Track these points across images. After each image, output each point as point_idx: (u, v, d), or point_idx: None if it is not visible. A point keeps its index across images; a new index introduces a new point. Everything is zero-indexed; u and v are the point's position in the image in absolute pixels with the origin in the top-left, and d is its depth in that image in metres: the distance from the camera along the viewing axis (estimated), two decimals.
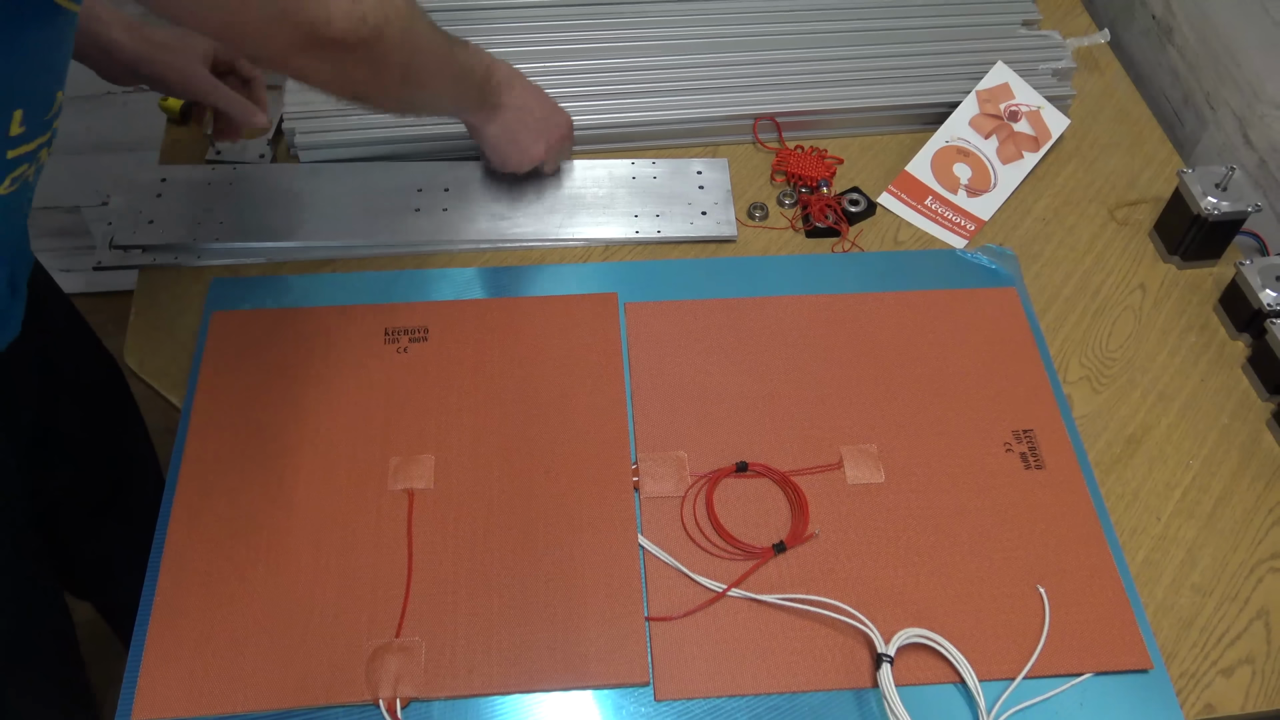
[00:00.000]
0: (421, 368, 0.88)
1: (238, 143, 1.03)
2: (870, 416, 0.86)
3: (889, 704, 0.70)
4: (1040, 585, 0.77)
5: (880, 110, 1.09)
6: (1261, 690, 0.75)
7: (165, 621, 0.74)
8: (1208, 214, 0.94)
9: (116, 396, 1.08)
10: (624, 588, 0.76)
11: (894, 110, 1.09)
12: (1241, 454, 0.87)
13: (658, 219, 1.00)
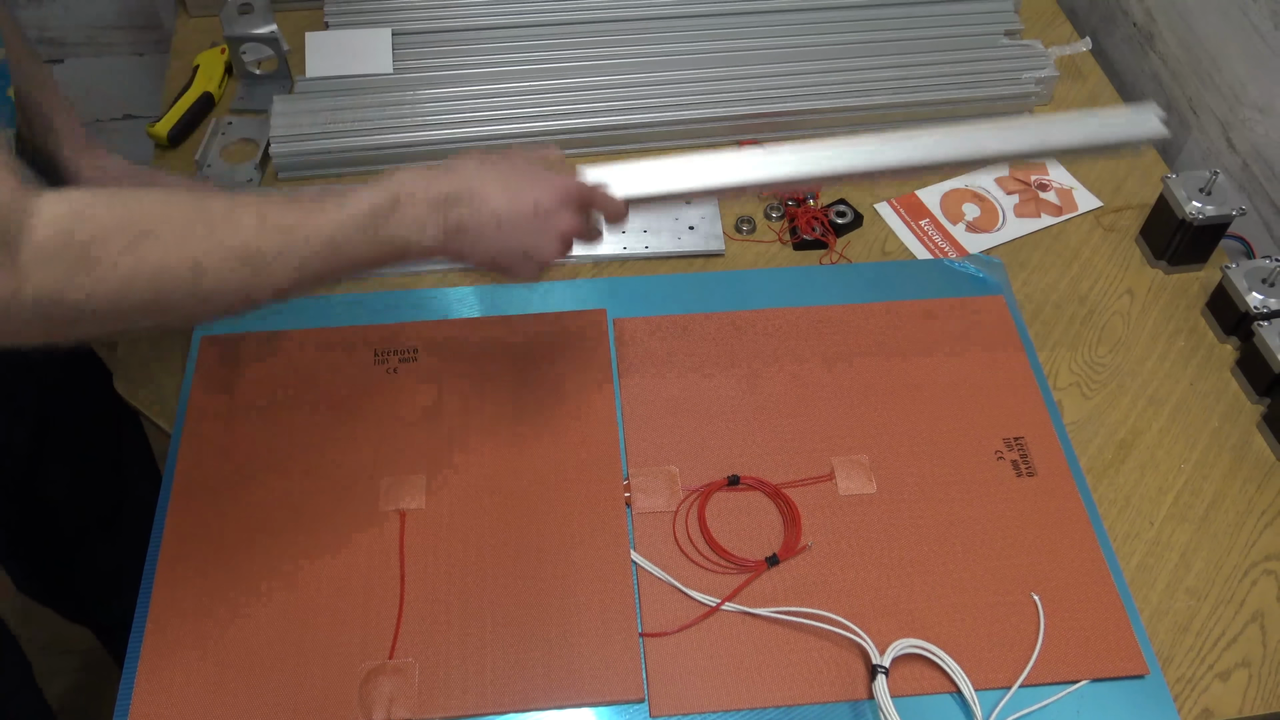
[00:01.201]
0: (411, 388, 0.88)
1: (226, 165, 1.04)
2: (861, 427, 0.86)
3: (885, 716, 0.70)
4: (1034, 593, 0.77)
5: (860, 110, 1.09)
6: (1259, 693, 0.74)
7: (157, 646, 0.73)
8: (1193, 218, 0.94)
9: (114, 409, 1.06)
10: (617, 604, 0.76)
11: (874, 110, 1.10)
12: (1233, 457, 0.87)
13: (645, 235, 1.00)
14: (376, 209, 0.64)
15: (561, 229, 0.70)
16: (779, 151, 0.76)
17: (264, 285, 0.60)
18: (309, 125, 1.04)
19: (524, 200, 0.68)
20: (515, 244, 0.68)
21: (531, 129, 1.05)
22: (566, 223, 0.70)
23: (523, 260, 0.70)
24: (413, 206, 0.65)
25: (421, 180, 0.66)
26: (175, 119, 1.06)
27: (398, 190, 0.65)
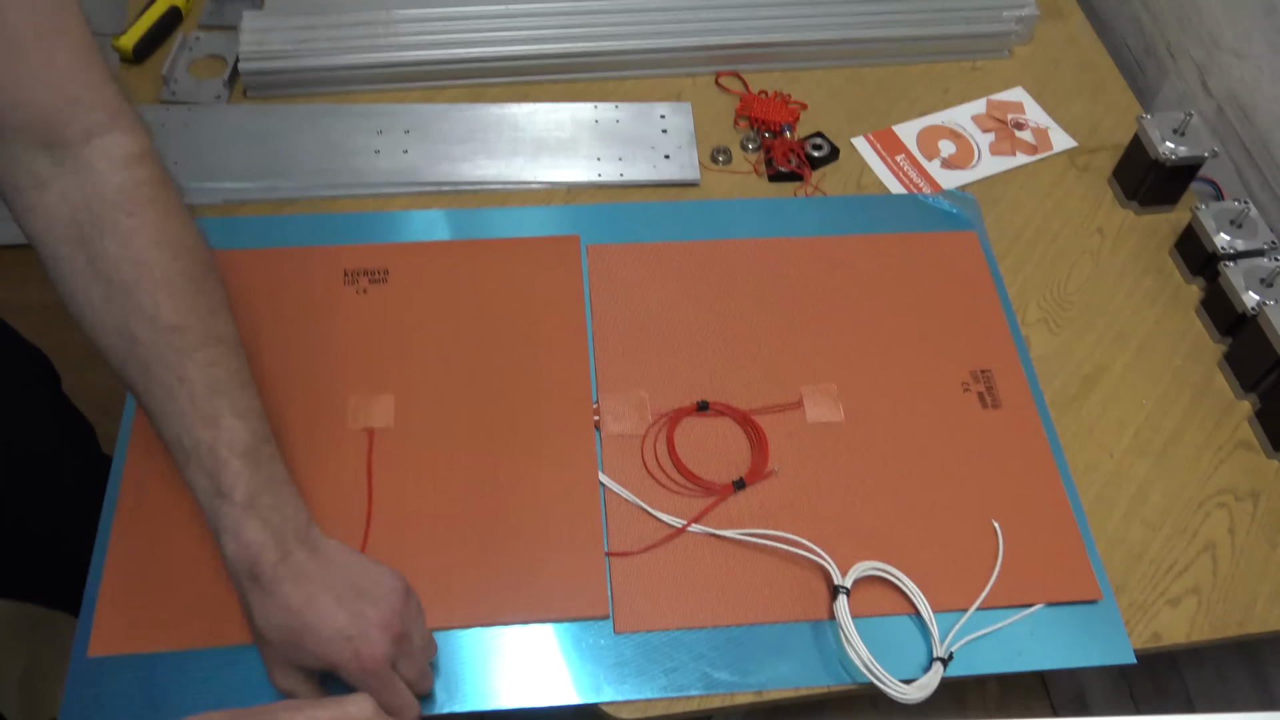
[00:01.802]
0: (381, 309, 0.87)
1: (193, 82, 1.02)
2: (830, 357, 0.87)
3: (845, 634, 0.71)
4: (995, 520, 0.78)
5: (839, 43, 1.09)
6: (1206, 619, 0.76)
7: (121, 557, 0.73)
8: (1165, 158, 0.95)
9: None
10: (584, 524, 0.77)
11: (853, 44, 1.09)
12: (1193, 394, 0.88)
13: (620, 162, 1.00)
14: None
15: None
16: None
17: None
18: (280, 42, 1.02)
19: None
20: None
21: (504, 52, 1.04)
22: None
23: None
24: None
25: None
26: (141, 32, 1.04)
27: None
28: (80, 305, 0.64)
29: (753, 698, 0.71)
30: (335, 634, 0.61)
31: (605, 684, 0.71)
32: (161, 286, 0.63)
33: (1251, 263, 0.90)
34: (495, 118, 1.02)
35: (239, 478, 0.62)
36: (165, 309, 0.63)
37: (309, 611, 0.61)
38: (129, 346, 0.63)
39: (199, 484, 0.63)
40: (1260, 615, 0.77)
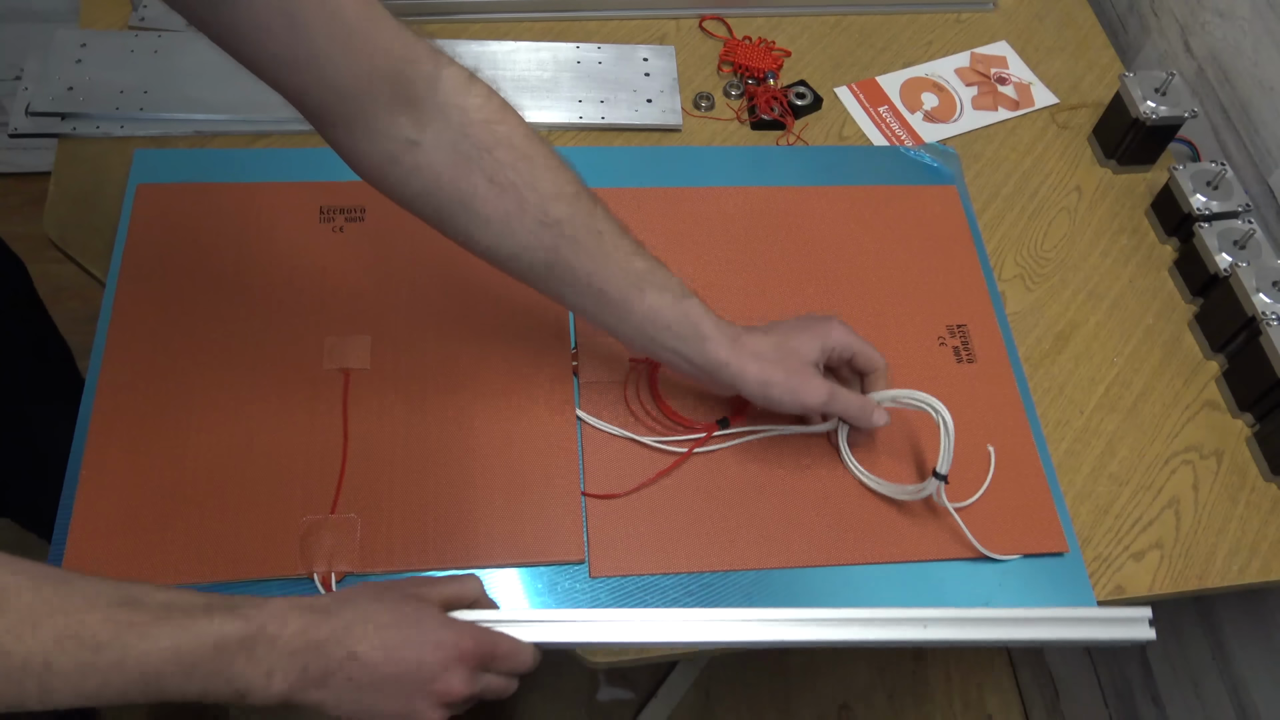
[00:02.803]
0: (358, 248, 0.86)
1: (163, 8, 0.98)
2: (809, 307, 0.87)
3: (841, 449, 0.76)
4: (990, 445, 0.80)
5: None
6: (1168, 573, 0.78)
7: (92, 495, 0.73)
8: (1146, 117, 0.95)
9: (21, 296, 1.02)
10: (561, 468, 0.77)
11: None
12: (1163, 352, 0.90)
13: (602, 105, 0.98)
14: (221, 645, 0.53)
15: (447, 695, 0.59)
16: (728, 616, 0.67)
17: (37, 703, 0.49)
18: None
19: (405, 658, 0.58)
20: (387, 706, 0.58)
21: None
22: (455, 687, 0.59)
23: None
24: (270, 651, 0.54)
25: (293, 620, 0.55)
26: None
27: (259, 628, 0.54)
28: (498, 226, 0.66)
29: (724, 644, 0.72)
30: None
31: None
32: (552, 167, 0.67)
33: (1225, 224, 0.90)
34: (475, 55, 1.00)
35: (680, 281, 0.71)
36: (564, 184, 0.67)
37: None
38: (556, 231, 0.67)
39: (663, 301, 0.69)
40: (1219, 570, 0.79)
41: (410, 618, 0.59)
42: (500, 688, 0.63)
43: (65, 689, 0.49)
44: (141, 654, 0.51)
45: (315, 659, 0.55)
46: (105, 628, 0.50)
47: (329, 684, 0.56)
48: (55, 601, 0.50)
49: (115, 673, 0.50)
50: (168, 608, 0.52)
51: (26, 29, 1.52)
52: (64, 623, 0.49)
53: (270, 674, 0.54)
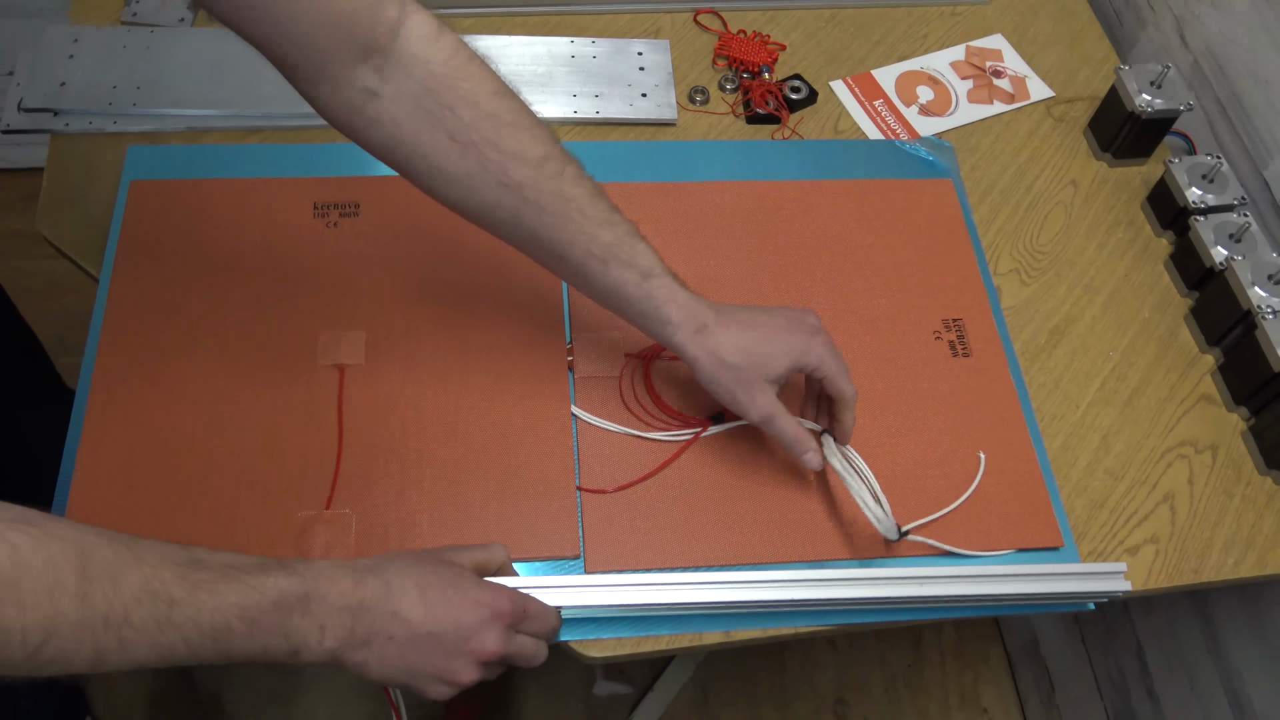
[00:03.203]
0: (352, 243, 0.86)
1: (156, 3, 0.98)
2: (804, 301, 0.87)
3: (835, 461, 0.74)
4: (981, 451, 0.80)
5: None
6: (1163, 568, 0.78)
7: (86, 491, 0.72)
8: (1141, 111, 0.95)
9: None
10: (556, 464, 0.77)
11: None
12: (1159, 347, 0.89)
13: (597, 99, 0.98)
14: (282, 602, 0.55)
15: (482, 652, 0.61)
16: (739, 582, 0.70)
17: (118, 659, 0.51)
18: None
19: (444, 617, 0.60)
20: (425, 665, 0.60)
21: None
22: (489, 645, 0.61)
23: (431, 682, 0.61)
24: (321, 608, 0.56)
25: (341, 579, 0.58)
26: None
27: (313, 584, 0.56)
28: (459, 184, 0.66)
29: (721, 638, 0.72)
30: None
31: (574, 622, 0.71)
32: (518, 127, 0.66)
33: (1221, 218, 0.90)
34: None
35: (653, 256, 0.70)
36: (529, 145, 0.66)
37: None
38: (516, 194, 0.66)
39: (626, 278, 0.68)
40: (1214, 565, 0.79)
41: (448, 579, 0.62)
42: (531, 651, 0.65)
43: (142, 643, 0.51)
44: (213, 610, 0.52)
45: (362, 617, 0.58)
46: (179, 585, 0.52)
47: (372, 643, 0.58)
48: (130, 558, 0.51)
49: (191, 628, 0.52)
50: (230, 567, 0.54)
51: (18, 25, 1.51)
52: (141, 578, 0.51)
53: (323, 630, 0.57)
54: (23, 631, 0.47)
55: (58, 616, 0.48)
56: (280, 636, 0.55)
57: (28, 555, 0.47)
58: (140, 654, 0.51)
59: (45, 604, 0.47)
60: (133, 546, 0.52)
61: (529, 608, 0.65)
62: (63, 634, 0.48)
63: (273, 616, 0.55)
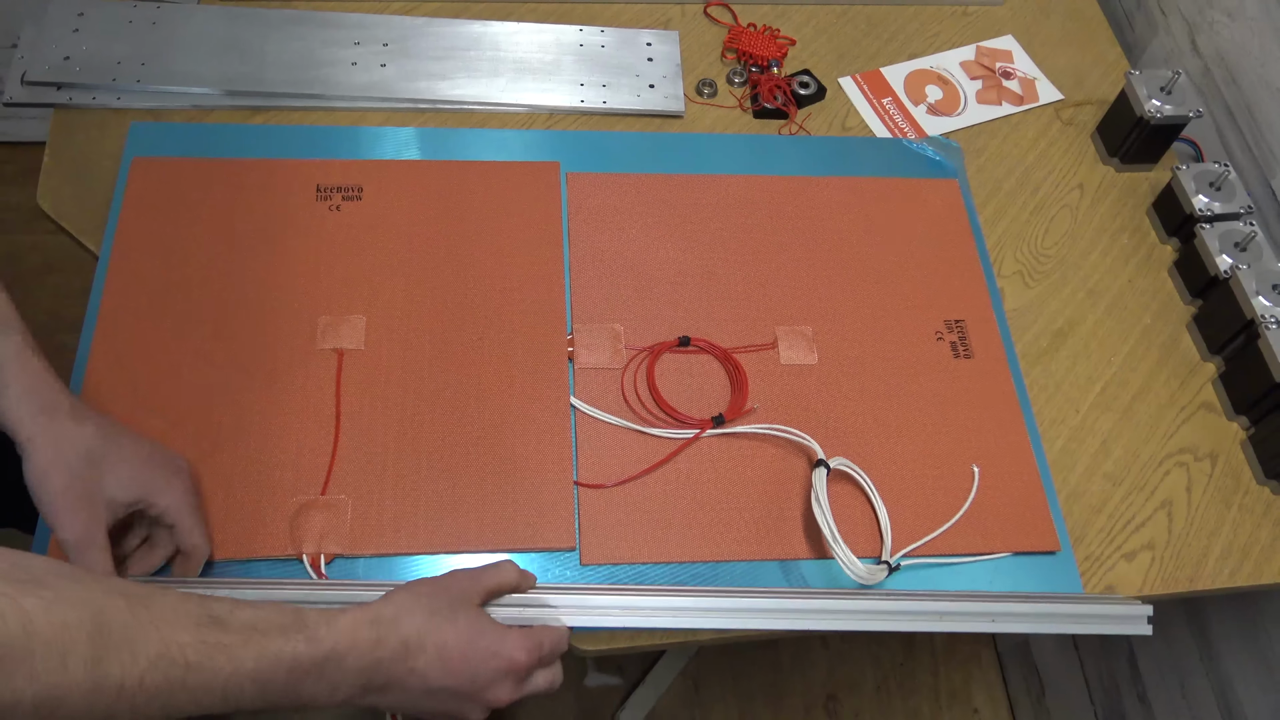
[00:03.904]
0: (354, 227, 0.85)
1: None
2: (807, 299, 0.86)
3: (817, 501, 0.73)
4: (974, 464, 0.79)
5: None
6: (1159, 574, 0.78)
7: None
8: (1151, 116, 0.94)
9: None
10: (553, 453, 0.76)
11: None
12: (1161, 353, 0.89)
13: (604, 89, 0.97)
14: (296, 668, 0.54)
15: (495, 702, 0.62)
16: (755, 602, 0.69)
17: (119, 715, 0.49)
18: None
19: (460, 674, 0.60)
20: (437, 708, 0.61)
21: None
22: (503, 696, 0.62)
23: None
24: (337, 670, 0.56)
25: (360, 637, 0.57)
26: None
27: (330, 650, 0.55)
28: None
29: (715, 635, 0.72)
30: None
31: None
32: None
33: (1227, 226, 0.90)
34: (477, 35, 0.99)
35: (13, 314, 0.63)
36: None
37: None
38: None
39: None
40: (1210, 573, 0.79)
41: (465, 633, 0.61)
42: (547, 685, 0.65)
43: (154, 706, 0.50)
44: (228, 675, 0.52)
45: (377, 674, 0.57)
46: (196, 650, 0.51)
47: (388, 691, 0.59)
48: (148, 621, 0.50)
49: (203, 692, 0.51)
50: (251, 629, 0.53)
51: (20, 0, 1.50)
52: (158, 644, 0.49)
53: (335, 688, 0.56)
54: (33, 702, 0.46)
55: (70, 685, 0.46)
56: (290, 697, 0.55)
57: (41, 623, 0.46)
58: (151, 715, 0.50)
59: (57, 673, 0.46)
60: (150, 605, 0.50)
61: (544, 647, 0.64)
62: (74, 701, 0.47)
63: (285, 680, 0.54)
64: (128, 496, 0.64)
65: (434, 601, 0.61)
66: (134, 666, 0.48)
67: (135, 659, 0.48)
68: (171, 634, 0.50)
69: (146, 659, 0.49)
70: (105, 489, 0.63)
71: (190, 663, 0.50)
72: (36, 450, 0.61)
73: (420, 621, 0.59)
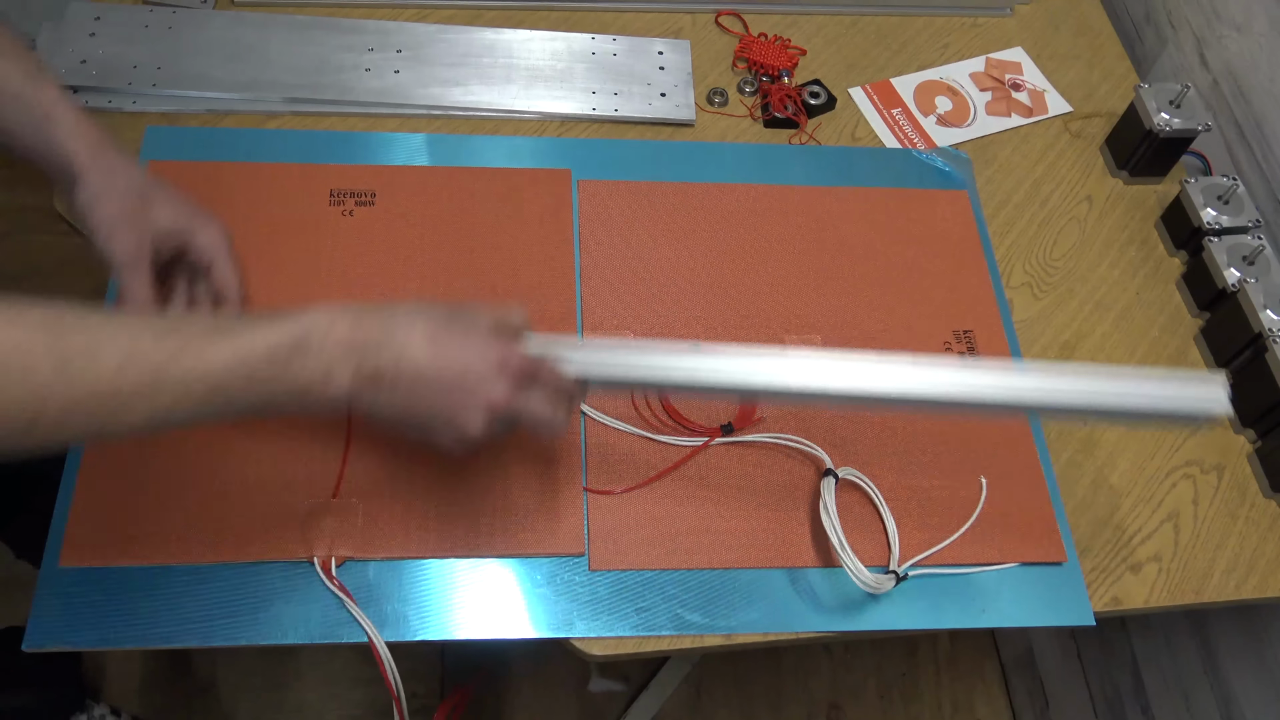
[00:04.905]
0: (367, 232, 0.86)
1: None
2: (816, 308, 0.87)
3: (826, 510, 0.73)
4: (982, 476, 0.79)
5: None
6: (1165, 586, 0.78)
7: (95, 470, 0.72)
8: (1160, 129, 0.95)
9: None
10: (563, 459, 0.77)
11: None
12: (1168, 366, 0.89)
13: (616, 97, 0.98)
14: (274, 352, 0.55)
15: (490, 401, 0.60)
16: (786, 357, 0.65)
17: (117, 427, 0.52)
18: None
19: (451, 361, 0.59)
20: (435, 410, 0.60)
21: None
22: (497, 395, 0.60)
23: (444, 428, 0.61)
24: (322, 350, 0.56)
25: (341, 321, 0.57)
26: None
27: (306, 330, 0.56)
28: None
29: (722, 640, 0.72)
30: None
31: (577, 620, 0.71)
32: None
33: (1235, 239, 0.90)
34: (490, 43, 1.00)
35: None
36: None
37: None
38: None
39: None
40: (1216, 585, 0.79)
41: (458, 328, 0.60)
42: (544, 415, 0.63)
43: (138, 410, 0.52)
44: (202, 370, 0.53)
45: (366, 358, 0.57)
46: (159, 351, 0.52)
47: (380, 385, 0.58)
48: (107, 333, 0.52)
49: (181, 390, 0.53)
50: (213, 330, 0.55)
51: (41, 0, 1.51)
52: (119, 351, 0.51)
53: (327, 373, 0.56)
54: (3, 414, 0.48)
55: (39, 397, 0.49)
56: (281, 385, 0.56)
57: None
58: (139, 420, 0.52)
59: (18, 386, 0.48)
60: (110, 322, 0.52)
61: (540, 371, 0.62)
62: (50, 412, 0.49)
63: (268, 366, 0.55)
64: (173, 225, 0.67)
65: (426, 304, 0.61)
66: (103, 373, 0.50)
67: (99, 365, 0.50)
68: (133, 341, 0.52)
69: (114, 363, 0.51)
70: (152, 219, 0.66)
71: (157, 364, 0.52)
72: (90, 179, 0.65)
73: (408, 310, 0.60)
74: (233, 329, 0.55)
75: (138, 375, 0.51)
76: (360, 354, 0.57)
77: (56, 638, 0.67)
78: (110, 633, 0.68)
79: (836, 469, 0.76)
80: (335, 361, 0.57)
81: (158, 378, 0.52)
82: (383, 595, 0.71)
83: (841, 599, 0.74)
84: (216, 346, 0.54)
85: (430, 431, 0.61)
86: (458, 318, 0.61)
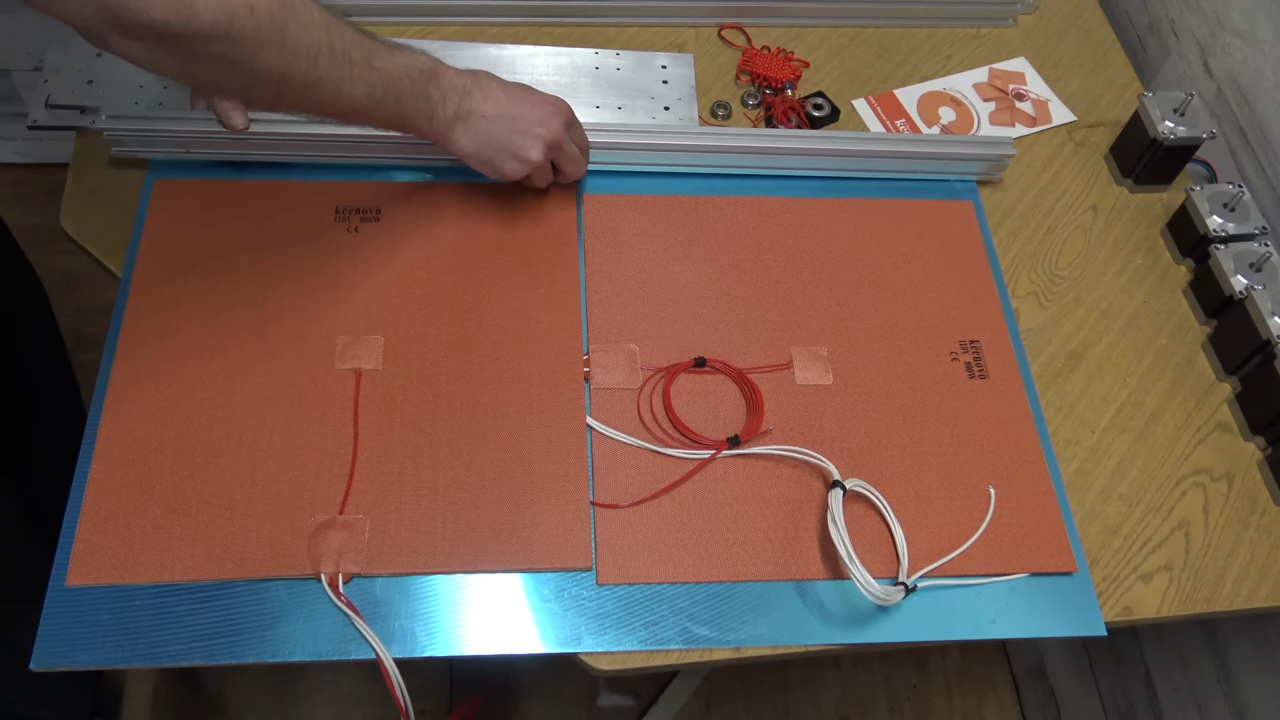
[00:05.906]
0: (373, 248, 0.86)
1: None
2: (822, 319, 0.87)
3: (833, 521, 0.72)
4: (990, 486, 0.79)
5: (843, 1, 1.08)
6: (1176, 596, 0.78)
7: (102, 488, 0.73)
8: (1164, 138, 0.95)
9: None
10: (570, 473, 0.77)
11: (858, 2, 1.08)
12: (1176, 374, 0.89)
13: (620, 111, 0.98)
14: (427, 70, 0.75)
15: (547, 135, 0.81)
16: None
17: (348, 92, 0.70)
18: None
19: (521, 105, 0.80)
20: (505, 140, 0.80)
21: None
22: (553, 129, 0.81)
23: (508, 159, 0.81)
24: (443, 84, 0.76)
25: (449, 68, 0.77)
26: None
27: (437, 63, 0.76)
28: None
29: (731, 654, 0.72)
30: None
31: (585, 634, 0.71)
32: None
33: (1241, 246, 0.90)
34: (494, 58, 1.00)
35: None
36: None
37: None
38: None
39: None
40: (1228, 594, 0.78)
41: (523, 87, 0.82)
42: (575, 156, 0.85)
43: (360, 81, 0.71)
44: (392, 65, 0.72)
45: (467, 96, 0.78)
46: (361, 46, 0.70)
47: (470, 120, 0.79)
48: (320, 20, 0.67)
49: (377, 76, 0.72)
50: (384, 44, 0.73)
51: (48, 20, 1.52)
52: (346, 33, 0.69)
53: (444, 101, 0.77)
54: (307, 49, 0.66)
55: (321, 45, 0.67)
56: (423, 99, 0.75)
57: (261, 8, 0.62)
58: (360, 90, 0.71)
59: (317, 31, 0.66)
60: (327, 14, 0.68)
61: (576, 123, 0.85)
62: (324, 61, 0.67)
63: (421, 81, 0.74)
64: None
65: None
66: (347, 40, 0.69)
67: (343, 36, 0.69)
68: (339, 31, 0.68)
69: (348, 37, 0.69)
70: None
71: (370, 48, 0.71)
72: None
73: (486, 73, 0.80)
74: (397, 48, 0.73)
75: (360, 50, 0.70)
76: (463, 95, 0.77)
77: (63, 657, 0.67)
78: (117, 652, 0.68)
79: (844, 480, 0.75)
80: (450, 96, 0.77)
81: (371, 57, 0.70)
82: (390, 611, 0.71)
83: (850, 611, 0.73)
84: (396, 53, 0.73)
85: (501, 159, 0.81)
86: (526, 89, 0.82)
